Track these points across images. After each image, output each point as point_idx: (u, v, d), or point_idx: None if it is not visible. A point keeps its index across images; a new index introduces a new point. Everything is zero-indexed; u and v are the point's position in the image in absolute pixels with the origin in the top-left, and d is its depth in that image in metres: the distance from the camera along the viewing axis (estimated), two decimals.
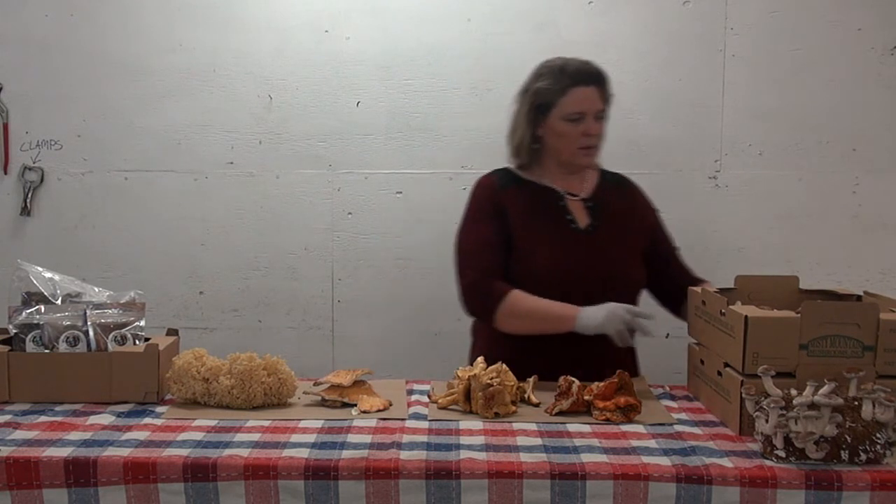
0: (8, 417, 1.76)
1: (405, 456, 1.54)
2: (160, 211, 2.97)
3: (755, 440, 1.62)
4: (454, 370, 1.91)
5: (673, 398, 2.00)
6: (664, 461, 1.53)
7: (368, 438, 1.64)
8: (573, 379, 1.85)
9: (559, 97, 2.15)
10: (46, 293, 2.01)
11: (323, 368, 2.75)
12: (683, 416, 1.84)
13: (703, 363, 1.95)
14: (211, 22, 2.91)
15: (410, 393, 1.99)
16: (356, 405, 1.84)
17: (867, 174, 2.90)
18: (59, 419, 1.76)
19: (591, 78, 2.17)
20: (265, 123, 2.94)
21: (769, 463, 1.54)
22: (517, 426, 1.74)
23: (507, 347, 2.11)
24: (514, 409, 1.84)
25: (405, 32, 2.90)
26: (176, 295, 2.99)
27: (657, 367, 2.31)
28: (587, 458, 1.54)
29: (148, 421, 1.76)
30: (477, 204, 2.26)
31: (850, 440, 1.53)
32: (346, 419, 1.77)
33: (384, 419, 1.78)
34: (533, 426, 1.74)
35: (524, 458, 1.54)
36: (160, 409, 1.85)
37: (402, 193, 2.95)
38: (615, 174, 2.35)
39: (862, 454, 1.53)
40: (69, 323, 1.94)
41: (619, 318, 1.99)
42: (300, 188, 2.96)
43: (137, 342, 1.98)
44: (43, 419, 1.76)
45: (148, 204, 2.97)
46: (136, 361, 1.88)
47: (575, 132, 2.16)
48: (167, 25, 2.91)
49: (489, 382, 1.80)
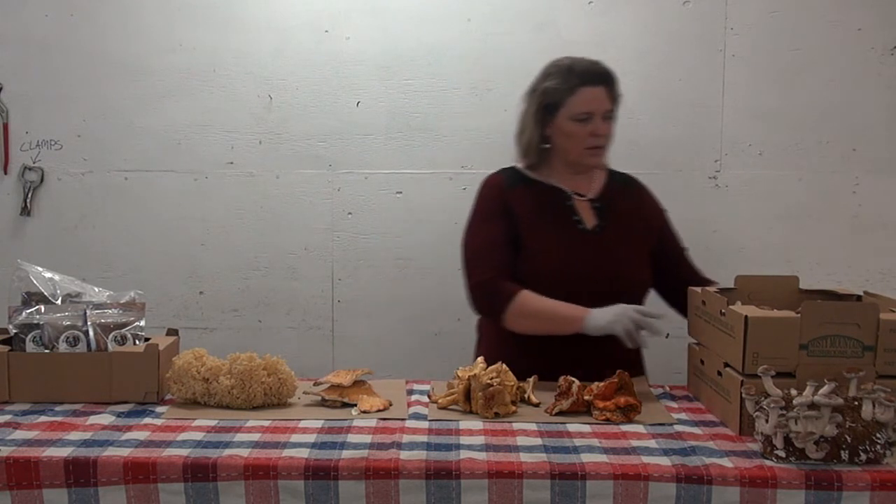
0: (8, 417, 1.76)
1: (405, 456, 1.54)
2: (160, 211, 2.97)
3: (755, 440, 1.62)
4: (454, 370, 1.91)
5: (673, 398, 2.00)
6: (664, 461, 1.53)
7: (368, 438, 1.64)
8: (573, 379, 1.85)
9: (567, 97, 2.14)
10: (46, 293, 2.01)
11: (323, 368, 2.75)
12: (683, 416, 1.84)
13: (703, 363, 1.95)
14: (211, 22, 2.91)
15: (410, 393, 1.99)
16: (356, 405, 1.84)
17: (867, 174, 2.90)
18: (59, 419, 1.76)
19: (599, 78, 2.16)
20: (265, 123, 2.94)
21: (769, 463, 1.53)
22: (517, 426, 1.74)
23: (513, 345, 2.11)
24: (514, 409, 1.84)
25: (405, 32, 2.90)
26: (176, 295, 2.99)
27: (657, 367, 2.31)
28: (587, 458, 1.54)
29: (148, 421, 1.76)
30: (484, 203, 2.25)
31: (850, 440, 1.53)
32: (346, 419, 1.77)
33: (384, 419, 1.78)
34: (533, 426, 1.74)
35: (524, 458, 1.54)
36: (160, 409, 1.85)
37: (402, 193, 2.95)
38: (623, 174, 2.34)
39: (862, 454, 1.53)
40: (69, 323, 1.94)
41: (627, 318, 1.99)
42: (300, 188, 2.96)
43: (137, 342, 1.98)
44: (43, 419, 1.76)
45: (148, 204, 2.97)
46: (136, 361, 1.88)
47: (583, 132, 2.15)
48: (167, 25, 2.91)
49: (489, 382, 1.80)
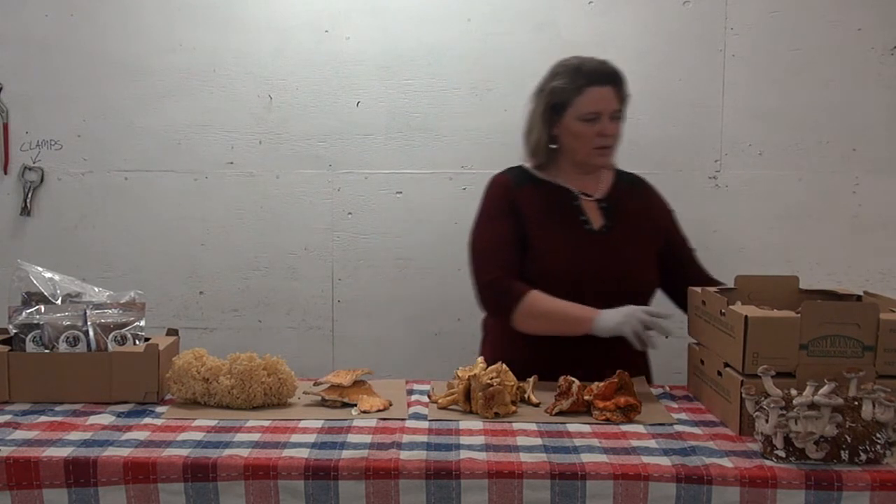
0: (8, 417, 1.76)
1: (405, 456, 1.54)
2: (160, 211, 2.97)
3: (755, 440, 1.62)
4: (454, 370, 1.91)
5: (673, 398, 2.00)
6: (664, 461, 1.53)
7: (368, 438, 1.64)
8: (573, 379, 1.85)
9: (574, 97, 2.14)
10: (46, 293, 2.01)
11: (323, 368, 2.75)
12: (683, 416, 1.84)
13: (703, 363, 1.95)
14: (211, 22, 2.91)
15: (410, 393, 1.98)
16: (356, 405, 1.84)
17: (867, 174, 2.90)
18: (59, 419, 1.76)
19: (607, 78, 2.15)
20: (265, 123, 2.94)
21: (769, 463, 1.53)
22: (517, 426, 1.74)
23: (519, 344, 2.11)
24: (514, 409, 1.84)
25: (405, 32, 2.90)
26: (176, 295, 2.99)
27: (657, 367, 2.31)
28: (587, 458, 1.54)
29: (148, 421, 1.76)
30: (491, 202, 2.24)
31: (850, 440, 1.53)
32: (346, 419, 1.77)
33: (384, 419, 1.78)
34: (533, 426, 1.74)
35: (524, 458, 1.54)
36: (160, 409, 1.84)
37: (402, 193, 2.95)
38: (630, 174, 2.33)
39: (862, 454, 1.53)
40: (69, 323, 1.94)
41: (635, 319, 1.98)
42: (300, 188, 2.96)
43: (137, 342, 1.98)
44: (43, 419, 1.76)
45: (148, 204, 2.97)
46: (136, 361, 1.88)
47: (590, 132, 2.15)
48: (167, 25, 2.91)
49: (489, 382, 1.80)
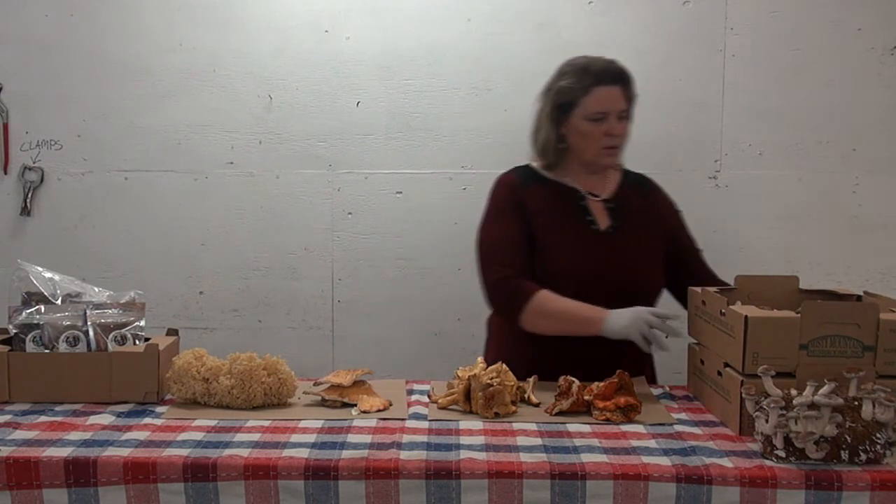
0: (8, 417, 1.76)
1: (405, 456, 1.54)
2: (160, 211, 2.97)
3: (755, 440, 1.62)
4: (454, 370, 1.91)
5: (673, 398, 2.00)
6: (664, 461, 1.53)
7: (368, 438, 1.64)
8: (573, 379, 1.85)
9: (582, 96, 2.14)
10: (46, 293, 2.01)
11: (323, 368, 2.75)
12: (683, 416, 1.84)
13: (703, 363, 1.95)
14: (211, 22, 2.91)
15: (410, 393, 1.98)
16: (356, 405, 1.84)
17: (867, 174, 2.90)
18: (59, 419, 1.76)
19: (614, 77, 2.15)
20: (265, 123, 2.94)
21: (769, 463, 1.53)
22: (517, 426, 1.74)
23: (524, 343, 2.11)
24: (514, 409, 1.84)
25: (405, 32, 2.90)
26: (176, 295, 2.99)
27: (657, 367, 2.31)
28: (587, 458, 1.54)
29: (148, 421, 1.76)
30: (498, 201, 2.23)
31: (850, 440, 1.53)
32: (346, 419, 1.77)
33: (384, 419, 1.78)
34: (533, 426, 1.74)
35: (524, 458, 1.54)
36: (160, 409, 1.84)
37: (402, 193, 2.95)
38: (638, 174, 2.33)
39: (862, 454, 1.53)
40: (69, 323, 1.94)
41: (642, 322, 1.97)
42: (300, 188, 2.96)
43: (137, 342, 1.98)
44: (43, 419, 1.76)
45: (148, 204, 2.97)
46: (136, 361, 1.88)
47: (597, 132, 2.14)
48: (167, 25, 2.91)
49: (489, 382, 1.80)
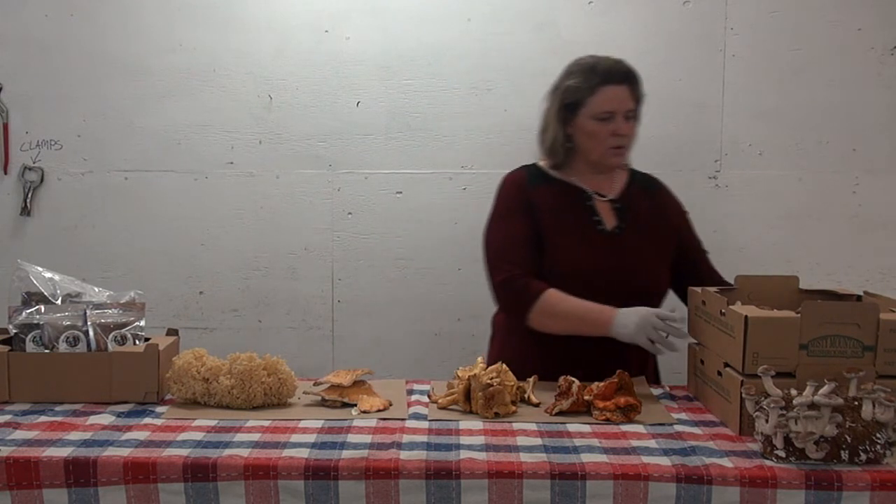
0: (8, 417, 1.76)
1: (405, 456, 1.54)
2: (160, 211, 2.97)
3: (755, 440, 1.62)
4: (454, 370, 1.91)
5: (673, 398, 2.00)
6: (664, 461, 1.53)
7: (368, 438, 1.64)
8: (573, 379, 1.85)
9: (588, 96, 2.13)
10: (46, 293, 2.01)
11: (323, 368, 2.75)
12: (683, 416, 1.84)
13: (703, 363, 1.95)
14: (211, 22, 2.91)
15: (410, 393, 1.98)
16: (356, 405, 1.84)
17: (867, 174, 2.90)
18: (59, 419, 1.76)
19: (621, 77, 2.14)
20: (265, 123, 2.94)
21: (769, 463, 1.53)
22: (517, 426, 1.74)
23: (528, 342, 2.11)
24: (514, 409, 1.84)
25: (405, 32, 2.90)
26: (176, 295, 2.99)
27: (660, 366, 2.31)
28: (587, 458, 1.54)
29: (148, 421, 1.76)
30: (506, 200, 2.23)
31: (850, 440, 1.53)
32: (346, 419, 1.77)
33: (384, 419, 1.78)
34: (533, 426, 1.74)
35: (524, 458, 1.54)
36: (160, 409, 1.84)
37: (402, 193, 2.95)
38: (645, 175, 2.33)
39: (862, 454, 1.53)
40: (69, 323, 1.94)
41: (650, 326, 1.96)
42: (300, 188, 2.96)
43: (137, 342, 1.98)
44: (43, 419, 1.76)
45: (148, 204, 2.97)
46: (136, 361, 1.88)
47: (604, 131, 2.14)
48: (167, 25, 2.91)
49: (489, 382, 1.80)
